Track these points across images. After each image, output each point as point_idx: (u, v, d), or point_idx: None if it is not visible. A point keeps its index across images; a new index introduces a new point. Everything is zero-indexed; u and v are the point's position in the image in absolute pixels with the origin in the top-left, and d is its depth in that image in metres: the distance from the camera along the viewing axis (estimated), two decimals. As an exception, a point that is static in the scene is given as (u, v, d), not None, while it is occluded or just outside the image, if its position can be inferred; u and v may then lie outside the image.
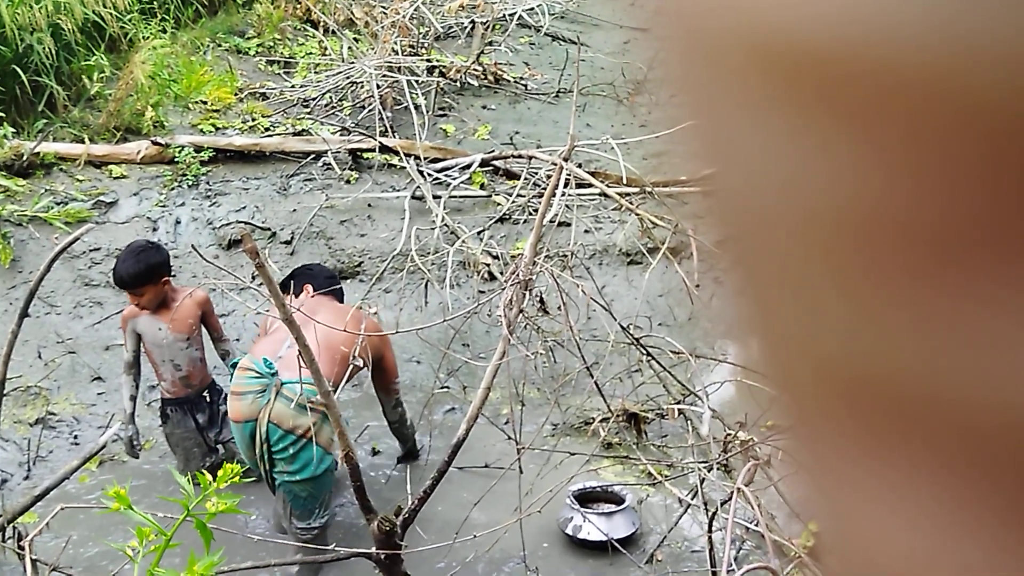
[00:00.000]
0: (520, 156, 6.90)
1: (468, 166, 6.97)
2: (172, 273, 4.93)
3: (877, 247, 0.21)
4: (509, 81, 8.67)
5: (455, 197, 6.80)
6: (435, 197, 6.65)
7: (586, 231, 6.25)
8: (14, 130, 6.80)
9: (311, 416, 4.00)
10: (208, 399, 5.04)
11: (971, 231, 0.20)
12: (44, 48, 6.96)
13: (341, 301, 4.96)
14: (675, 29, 0.24)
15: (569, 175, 4.67)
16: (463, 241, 6.20)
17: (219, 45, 8.65)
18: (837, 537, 0.24)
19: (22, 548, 2.90)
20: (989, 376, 0.20)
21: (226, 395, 5.02)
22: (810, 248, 0.22)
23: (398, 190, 6.93)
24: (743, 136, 0.23)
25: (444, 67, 8.41)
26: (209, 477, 1.68)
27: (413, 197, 6.74)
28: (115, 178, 6.81)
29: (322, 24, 8.80)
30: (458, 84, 8.44)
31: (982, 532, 0.21)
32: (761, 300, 0.24)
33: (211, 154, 6.97)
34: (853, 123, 0.20)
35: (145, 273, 4.68)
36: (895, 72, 0.20)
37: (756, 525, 2.79)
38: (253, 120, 7.64)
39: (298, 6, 9.08)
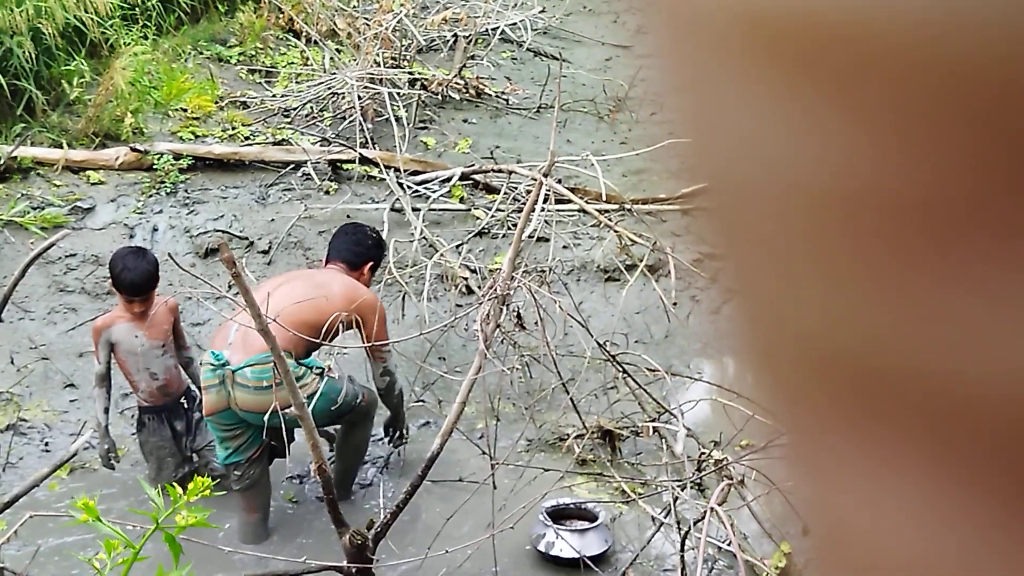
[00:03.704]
0: (500, 171, 6.91)
1: (448, 179, 6.97)
2: None
3: (862, 223, 0.20)
4: (491, 95, 8.68)
5: (434, 210, 6.79)
6: (414, 210, 6.64)
7: (564, 247, 6.25)
8: (-9, 134, 6.77)
9: (273, 392, 4.11)
10: (185, 406, 5.03)
11: (960, 207, 0.19)
12: (24, 52, 6.92)
13: (358, 266, 4.94)
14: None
15: (549, 191, 4.68)
16: (441, 254, 6.19)
17: (200, 53, 8.63)
18: (817, 519, 0.24)
19: (-11, 556, 2.87)
20: (974, 356, 0.20)
21: (200, 402, 5.04)
22: (794, 222, 0.22)
23: (377, 202, 6.92)
24: (727, 106, 0.22)
25: (426, 80, 8.41)
26: (180, 490, 1.67)
27: (392, 209, 6.73)
28: (93, 184, 6.78)
29: (304, 34, 8.79)
30: (439, 97, 8.44)
31: (962, 514, 0.21)
32: (743, 273, 0.24)
33: (190, 162, 6.95)
34: (839, 93, 0.20)
35: (156, 276, 4.73)
36: (881, 39, 0.19)
37: (728, 545, 2.79)
38: (233, 129, 7.61)
39: (280, 16, 9.06)
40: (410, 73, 8.32)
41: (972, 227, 0.19)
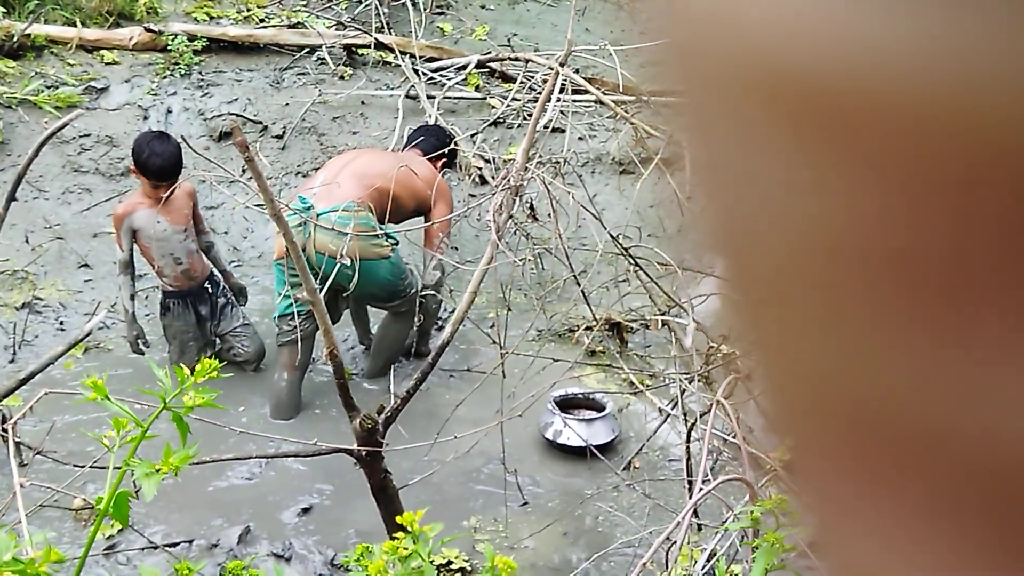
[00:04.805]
0: (517, 59, 6.83)
1: (464, 67, 6.90)
2: None
3: (870, 279, 0.20)
4: (509, -18, 8.55)
5: (449, 98, 6.74)
6: (429, 97, 6.59)
7: (580, 138, 6.21)
8: (5, 10, 6.69)
9: (353, 241, 4.35)
10: (209, 291, 5.07)
11: (975, 267, 0.19)
12: (36, -73, 6.82)
13: (434, 161, 5.17)
14: (674, 49, 0.23)
15: (565, 80, 4.63)
16: (456, 143, 6.16)
17: (215, -68, 8.48)
18: (834, 562, 0.24)
19: (5, 431, 2.92)
20: (983, 411, 0.20)
21: (225, 288, 5.09)
22: (800, 274, 0.21)
23: (392, 88, 6.86)
24: (738, 158, 0.22)
25: (444, -36, 8.27)
26: (187, 371, 1.68)
27: (407, 96, 6.68)
28: (107, 64, 6.73)
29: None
30: (457, -17, 8.31)
31: (974, 567, 0.21)
32: (754, 318, 0.24)
33: (204, 43, 6.88)
34: (853, 155, 0.20)
35: (182, 160, 4.74)
36: (901, 107, 0.19)
37: (733, 437, 2.82)
38: (248, 10, 7.52)
39: None
40: (428, -43, 8.18)
41: (986, 283, 0.19)
